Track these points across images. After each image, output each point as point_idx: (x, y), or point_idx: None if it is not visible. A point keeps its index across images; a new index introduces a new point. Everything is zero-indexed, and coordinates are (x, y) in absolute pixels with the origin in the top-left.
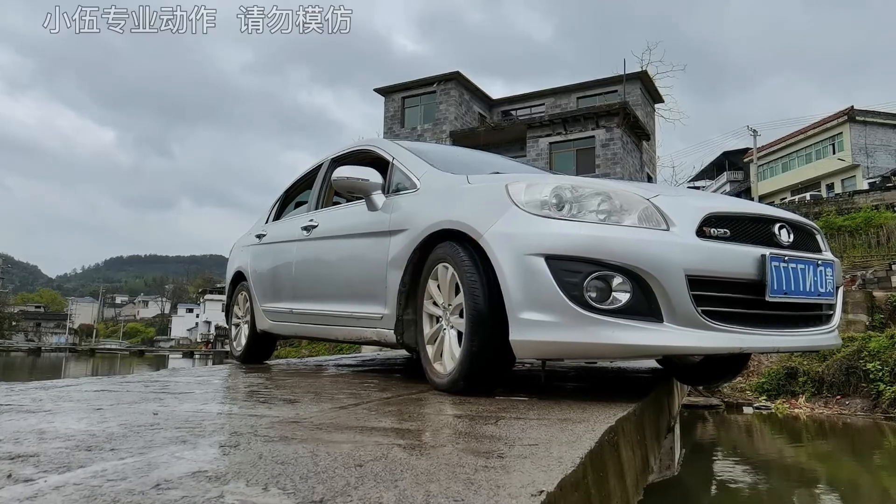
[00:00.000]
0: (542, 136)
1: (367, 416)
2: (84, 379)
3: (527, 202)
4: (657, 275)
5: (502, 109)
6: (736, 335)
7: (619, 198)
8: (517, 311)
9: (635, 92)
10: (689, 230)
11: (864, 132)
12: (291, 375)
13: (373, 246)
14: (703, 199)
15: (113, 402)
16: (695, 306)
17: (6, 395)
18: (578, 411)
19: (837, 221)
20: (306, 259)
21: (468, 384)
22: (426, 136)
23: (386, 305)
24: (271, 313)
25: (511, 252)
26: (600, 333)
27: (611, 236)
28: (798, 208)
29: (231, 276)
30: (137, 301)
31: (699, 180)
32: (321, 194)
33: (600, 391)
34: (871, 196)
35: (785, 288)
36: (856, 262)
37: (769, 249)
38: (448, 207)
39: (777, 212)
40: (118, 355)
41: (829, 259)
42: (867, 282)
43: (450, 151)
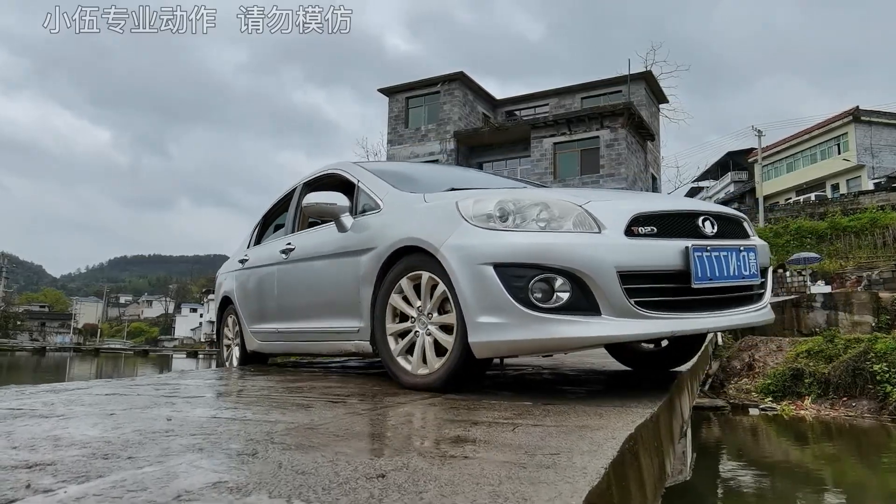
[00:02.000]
0: (546, 137)
1: (382, 422)
2: (93, 382)
3: (474, 216)
4: (592, 273)
5: (506, 110)
6: (667, 321)
7: (556, 207)
8: (473, 315)
9: (640, 92)
10: (619, 231)
11: (869, 132)
12: (299, 377)
13: (345, 265)
14: (632, 201)
15: (125, 407)
16: (627, 298)
17: (17, 398)
18: (595, 417)
19: (843, 222)
20: (287, 281)
21: (457, 382)
22: (430, 136)
23: (362, 319)
24: (259, 334)
25: (464, 262)
26: (547, 329)
27: (549, 242)
28: (803, 209)
29: (219, 301)
30: (141, 301)
31: (703, 180)
32: (296, 217)
33: (612, 394)
34: (876, 196)
35: (709, 274)
36: (861, 263)
37: (692, 241)
38: (408, 225)
39: (701, 206)
40: (122, 355)
41: (752, 244)
42: (873, 283)
43: (412, 170)
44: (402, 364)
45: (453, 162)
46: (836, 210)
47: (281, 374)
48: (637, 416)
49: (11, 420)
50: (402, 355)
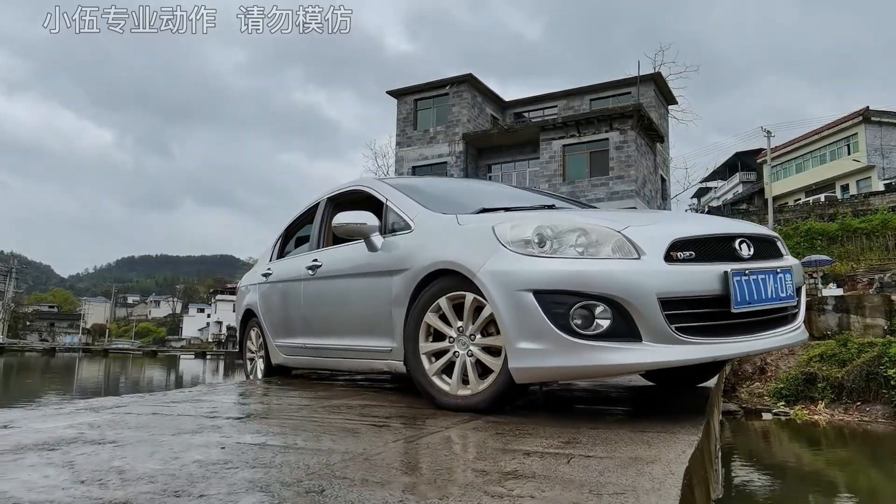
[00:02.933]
0: (555, 139)
1: (436, 453)
2: (129, 398)
3: (512, 241)
4: (633, 300)
5: (515, 111)
6: (707, 346)
7: (594, 232)
8: (513, 341)
9: (649, 94)
10: (658, 257)
11: (880, 133)
12: (331, 392)
13: (376, 285)
14: (669, 225)
15: (173, 432)
16: (668, 324)
17: (56, 416)
18: (644, 447)
19: (853, 224)
20: (315, 297)
21: (501, 404)
22: (439, 138)
23: (394, 339)
24: (285, 348)
25: (503, 288)
26: (588, 356)
27: (590, 270)
28: (813, 210)
29: (242, 313)
30: (149, 301)
31: (711, 181)
32: (321, 234)
33: (649, 416)
34: (886, 197)
35: (748, 298)
36: (873, 265)
37: (731, 265)
38: (442, 248)
39: (737, 227)
40: (130, 355)
41: (788, 265)
42: (885, 285)
43: (439, 187)
44: (439, 384)
45: (462, 164)
46: (846, 211)
47: (310, 389)
48: (685, 444)
49: (66, 447)
50: (437, 375)
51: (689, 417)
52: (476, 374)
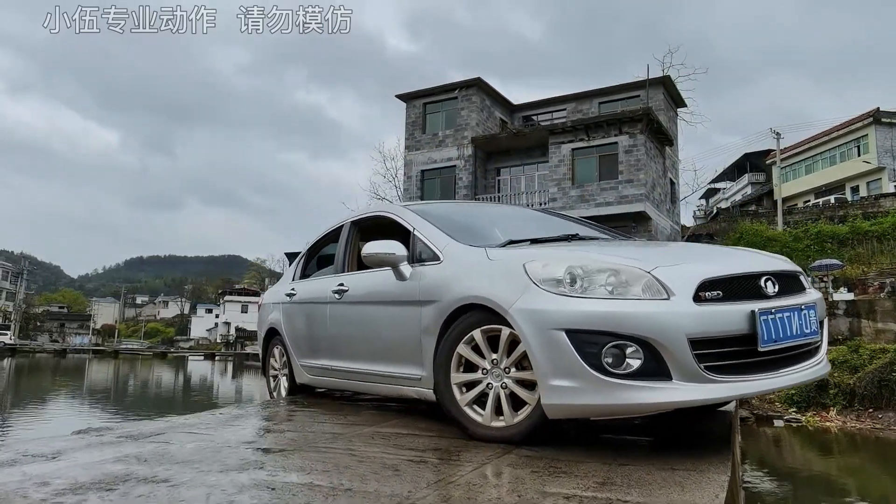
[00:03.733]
0: (564, 142)
1: (475, 497)
2: (163, 422)
3: (543, 280)
4: (663, 341)
5: (523, 115)
6: (735, 384)
7: (624, 273)
8: (547, 378)
9: (658, 97)
10: (687, 297)
11: (890, 134)
12: (360, 417)
13: (405, 314)
14: (698, 264)
15: (220, 468)
16: (698, 364)
17: (100, 447)
18: (677, 489)
19: (864, 226)
20: (341, 321)
21: (536, 436)
22: (448, 141)
23: (423, 368)
24: (309, 368)
25: (536, 327)
26: (620, 395)
27: (622, 311)
28: (822, 212)
29: (265, 331)
30: (157, 301)
31: (720, 182)
32: (346, 257)
33: (675, 447)
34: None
35: (774, 336)
36: (884, 269)
37: (757, 304)
38: (473, 283)
39: (762, 264)
40: (140, 356)
41: (812, 301)
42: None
43: (463, 215)
44: (471, 415)
45: (471, 167)
46: (856, 213)
47: (338, 413)
48: (716, 485)
49: (123, 486)
50: (469, 406)
51: (714, 449)
52: (510, 406)
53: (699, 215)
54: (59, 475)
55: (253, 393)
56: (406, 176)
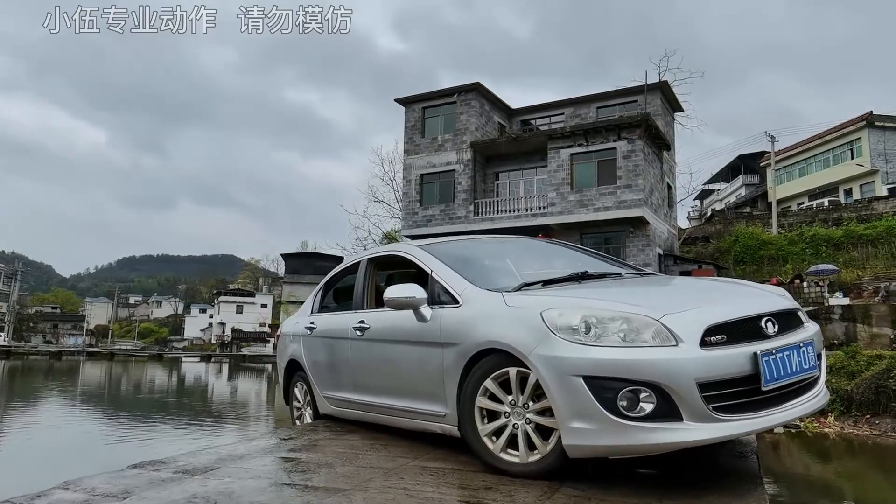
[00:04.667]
0: (563, 148)
1: None
2: (213, 455)
3: (560, 328)
4: (674, 386)
5: (521, 119)
6: (742, 422)
7: (635, 321)
8: (566, 421)
9: (655, 102)
10: (694, 343)
11: (883, 137)
12: (399, 448)
13: (427, 354)
14: (703, 309)
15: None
16: (706, 405)
17: (162, 484)
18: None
19: (858, 230)
20: (363, 357)
21: (552, 472)
22: (447, 146)
23: (447, 406)
24: (332, 400)
25: (555, 373)
26: (635, 436)
27: (635, 359)
28: (816, 214)
29: (286, 361)
30: (151, 301)
31: (714, 183)
32: (364, 294)
33: (706, 478)
34: (890, 202)
35: (776, 375)
36: (878, 273)
37: (759, 345)
38: (491, 327)
39: (762, 305)
40: (134, 358)
41: (809, 337)
42: (890, 294)
43: (476, 253)
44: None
45: (470, 172)
46: (850, 216)
47: (374, 440)
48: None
49: None
50: (504, 451)
51: (742, 482)
52: (538, 438)
53: (693, 217)
54: None
55: (254, 398)
56: (405, 180)
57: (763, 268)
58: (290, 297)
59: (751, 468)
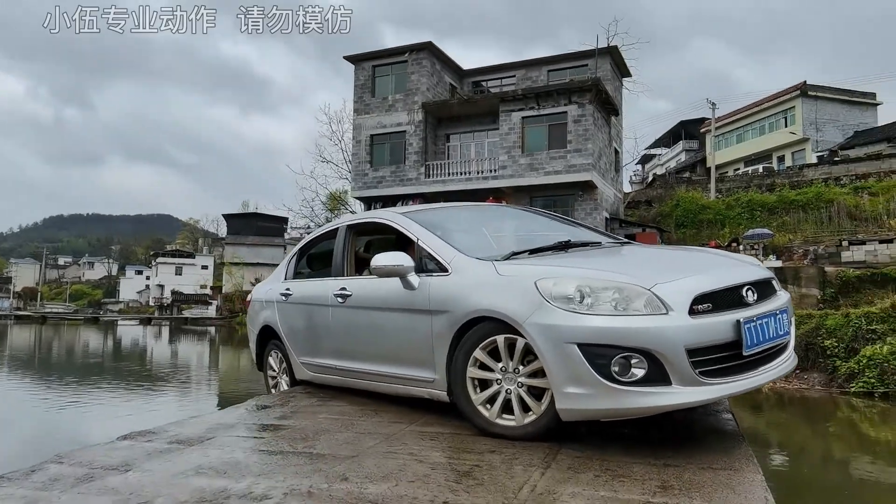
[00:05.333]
0: (514, 110)
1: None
2: (203, 425)
3: (555, 297)
4: (665, 352)
5: (472, 80)
6: (724, 385)
7: (627, 290)
8: (560, 386)
9: (605, 67)
10: (683, 312)
11: (815, 107)
12: (389, 413)
13: (415, 321)
14: (690, 278)
15: (306, 480)
16: (693, 370)
17: (167, 456)
18: (730, 492)
19: (790, 196)
20: (346, 324)
21: (548, 432)
22: (398, 106)
23: (436, 372)
24: (311, 366)
25: (550, 341)
26: (627, 400)
27: (628, 326)
28: (752, 180)
29: (259, 328)
30: (82, 262)
31: (656, 147)
32: (345, 261)
33: (695, 440)
34: (819, 169)
35: (756, 341)
36: (808, 237)
37: (742, 313)
38: (484, 295)
39: (743, 274)
40: (66, 322)
41: (784, 305)
42: (818, 257)
43: (460, 222)
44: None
45: (421, 133)
46: (783, 182)
47: (362, 406)
48: (759, 486)
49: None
50: (500, 417)
51: (728, 441)
52: (532, 400)
53: (636, 181)
54: (156, 493)
55: (204, 361)
56: (355, 140)
57: (702, 231)
58: (234, 258)
59: (730, 426)
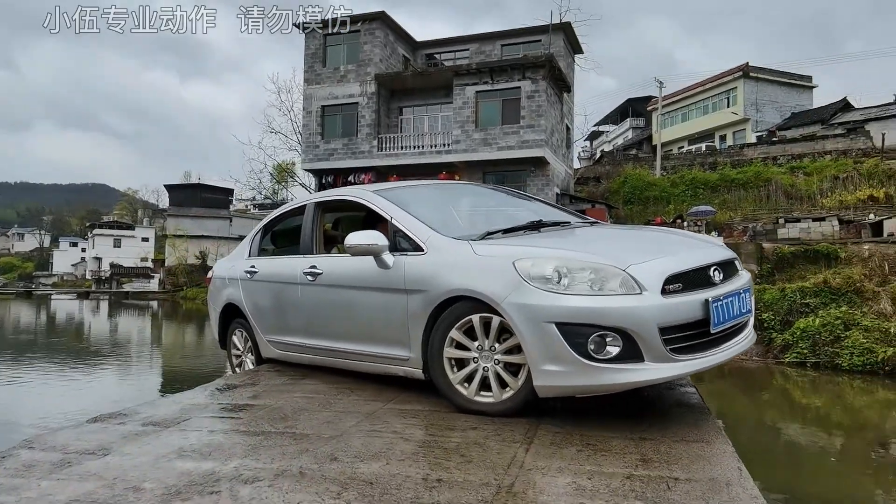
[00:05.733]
0: (468, 85)
1: (551, 483)
2: (175, 406)
3: (532, 277)
4: (639, 331)
5: (426, 52)
6: (693, 361)
7: (603, 270)
8: (538, 364)
9: (558, 43)
10: (656, 292)
11: (756, 88)
12: (365, 392)
13: (389, 300)
14: (661, 258)
15: (294, 461)
16: (665, 347)
17: (144, 439)
18: (706, 464)
19: (731, 175)
20: (317, 302)
21: (526, 406)
22: (350, 77)
23: (411, 350)
24: (279, 344)
25: (529, 320)
26: (602, 377)
27: (605, 306)
28: (695, 158)
29: (221, 307)
30: (11, 233)
31: (604, 125)
32: (313, 238)
33: (662, 415)
34: (758, 149)
35: (723, 319)
36: (747, 215)
37: (709, 292)
38: (461, 275)
39: (710, 256)
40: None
41: (746, 284)
42: (757, 234)
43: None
44: (465, 394)
45: (374, 105)
46: (724, 161)
47: (336, 384)
48: (731, 456)
49: (226, 486)
50: (465, 388)
51: (696, 412)
52: (508, 377)
53: (584, 157)
54: (142, 477)
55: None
56: (305, 111)
57: (648, 208)
58: (177, 230)
59: (695, 399)
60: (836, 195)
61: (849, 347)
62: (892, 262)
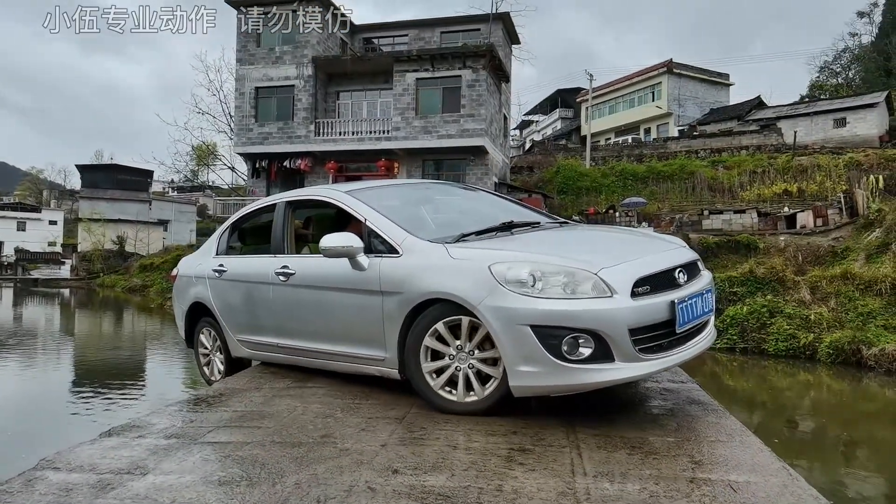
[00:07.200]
0: (409, 71)
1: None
2: (167, 419)
3: (508, 281)
4: (610, 332)
5: (364, 37)
6: (660, 360)
7: (576, 274)
8: (513, 365)
9: (497, 32)
10: (626, 294)
11: (679, 84)
12: (354, 396)
13: (364, 301)
14: (630, 261)
15: (344, 475)
16: (634, 348)
17: (177, 453)
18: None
19: (658, 167)
20: (290, 302)
21: (504, 405)
22: (286, 58)
23: (387, 350)
24: (249, 344)
25: (504, 322)
26: (575, 376)
27: (578, 309)
28: (623, 150)
29: (188, 306)
30: None
31: (534, 114)
32: (285, 239)
33: (663, 411)
34: (680, 142)
35: (687, 319)
36: (674, 206)
37: (675, 294)
38: (438, 278)
39: (676, 258)
40: None
41: (708, 285)
42: (683, 224)
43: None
44: (444, 395)
45: (311, 89)
46: (650, 153)
47: (330, 388)
48: (768, 455)
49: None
50: (442, 389)
51: (708, 409)
52: (478, 383)
53: (514, 146)
54: (203, 501)
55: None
56: (238, 92)
57: (581, 198)
58: (93, 214)
59: (703, 397)
60: (754, 189)
61: (774, 334)
62: (804, 253)
